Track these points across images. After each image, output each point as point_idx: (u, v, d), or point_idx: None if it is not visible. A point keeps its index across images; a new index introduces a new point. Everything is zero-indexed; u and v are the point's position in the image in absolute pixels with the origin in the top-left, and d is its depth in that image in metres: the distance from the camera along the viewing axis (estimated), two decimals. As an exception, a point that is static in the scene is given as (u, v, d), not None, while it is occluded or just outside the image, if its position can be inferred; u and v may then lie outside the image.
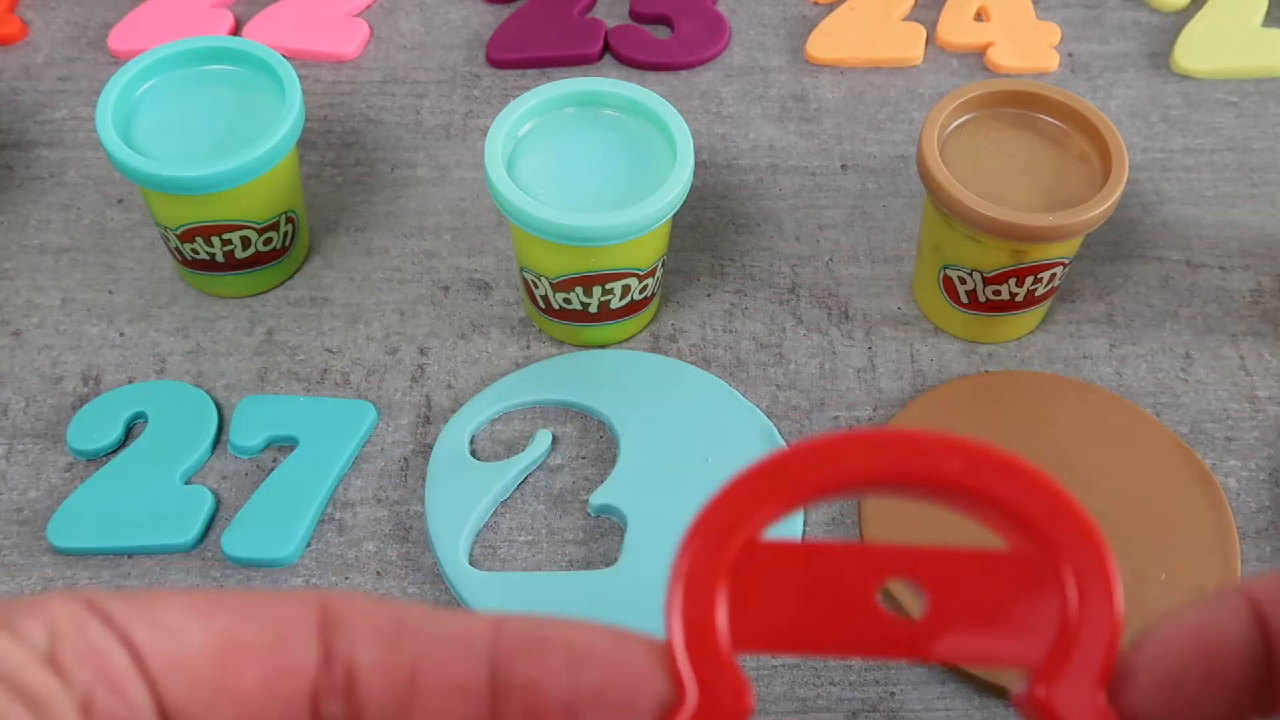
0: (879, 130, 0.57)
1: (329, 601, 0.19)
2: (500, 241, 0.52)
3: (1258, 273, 0.52)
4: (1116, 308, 0.51)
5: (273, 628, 0.18)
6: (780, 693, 0.41)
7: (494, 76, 0.59)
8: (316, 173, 0.55)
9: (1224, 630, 0.19)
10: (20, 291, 0.51)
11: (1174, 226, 0.53)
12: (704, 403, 0.47)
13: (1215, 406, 0.48)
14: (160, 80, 0.48)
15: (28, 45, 0.60)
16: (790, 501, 0.19)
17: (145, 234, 0.53)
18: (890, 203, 0.54)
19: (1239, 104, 0.58)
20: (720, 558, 0.19)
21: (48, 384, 0.48)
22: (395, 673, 0.18)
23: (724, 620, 0.19)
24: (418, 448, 0.46)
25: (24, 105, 0.57)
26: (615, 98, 0.47)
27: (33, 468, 0.45)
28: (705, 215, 0.54)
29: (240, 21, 0.61)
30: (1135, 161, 0.55)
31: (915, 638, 0.19)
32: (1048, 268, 0.46)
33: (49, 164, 0.55)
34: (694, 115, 0.57)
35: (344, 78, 0.59)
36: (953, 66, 0.60)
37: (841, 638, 0.19)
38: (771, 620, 0.19)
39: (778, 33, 0.61)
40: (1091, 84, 0.59)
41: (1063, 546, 0.19)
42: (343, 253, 0.52)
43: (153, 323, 0.50)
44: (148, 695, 0.17)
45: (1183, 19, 0.61)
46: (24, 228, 0.53)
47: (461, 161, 0.56)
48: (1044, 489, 0.19)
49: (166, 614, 0.18)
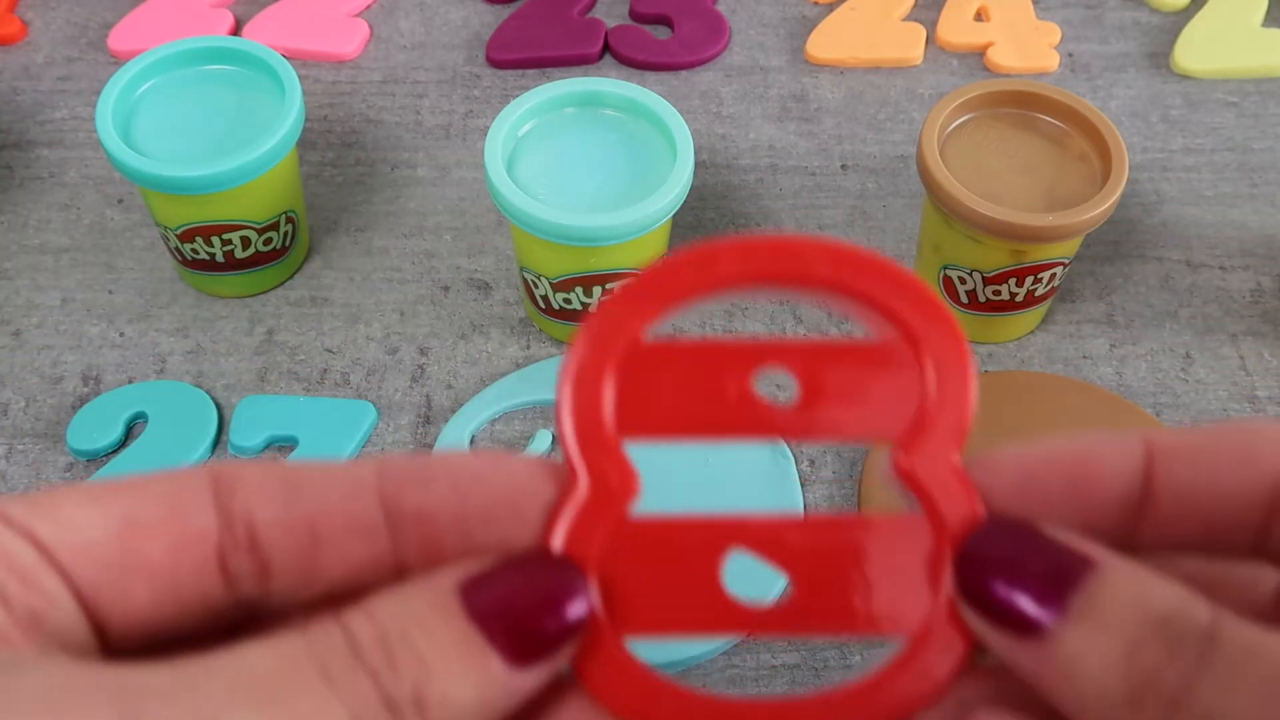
0: (879, 130, 0.57)
1: (218, 471, 0.20)
2: (500, 241, 0.52)
3: (1258, 273, 0.52)
4: (1116, 308, 0.51)
5: (169, 503, 0.19)
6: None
7: (494, 76, 0.59)
8: (316, 173, 0.55)
9: (1107, 456, 0.20)
10: (20, 291, 0.51)
11: (1174, 226, 0.53)
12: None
13: (1215, 406, 0.48)
14: (160, 80, 0.48)
15: (28, 45, 0.60)
16: (671, 303, 0.21)
17: (145, 234, 0.53)
18: (890, 203, 0.54)
19: (1239, 104, 0.58)
20: (606, 356, 0.20)
21: (48, 384, 0.48)
22: (294, 524, 0.19)
23: (610, 412, 0.20)
24: (418, 448, 0.46)
25: (24, 105, 0.57)
26: (615, 98, 0.47)
27: (33, 468, 0.45)
28: (705, 215, 0.54)
29: (240, 21, 0.61)
30: (1135, 161, 0.55)
31: (789, 420, 0.21)
32: (1048, 268, 0.46)
33: (49, 164, 0.55)
34: (694, 115, 0.57)
35: (344, 78, 0.59)
36: (953, 66, 0.60)
37: (721, 422, 0.21)
38: (655, 411, 0.21)
39: (778, 33, 0.61)
40: (1091, 84, 0.59)
41: (924, 336, 0.21)
42: (343, 253, 0.52)
43: (153, 323, 0.50)
44: (60, 583, 0.18)
45: (1183, 19, 0.61)
46: (24, 228, 0.53)
47: (461, 161, 0.56)
48: (908, 285, 0.21)
49: (64, 508, 0.19)
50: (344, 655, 0.17)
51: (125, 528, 0.19)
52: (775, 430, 0.21)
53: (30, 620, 0.18)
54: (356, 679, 0.17)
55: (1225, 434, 0.20)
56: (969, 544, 0.20)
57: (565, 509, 0.20)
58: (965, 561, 0.19)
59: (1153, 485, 0.20)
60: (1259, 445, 0.20)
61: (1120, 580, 0.18)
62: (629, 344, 0.21)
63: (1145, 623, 0.18)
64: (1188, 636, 0.17)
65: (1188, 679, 0.17)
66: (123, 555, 0.19)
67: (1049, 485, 0.20)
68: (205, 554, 0.19)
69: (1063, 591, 0.18)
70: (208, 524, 0.19)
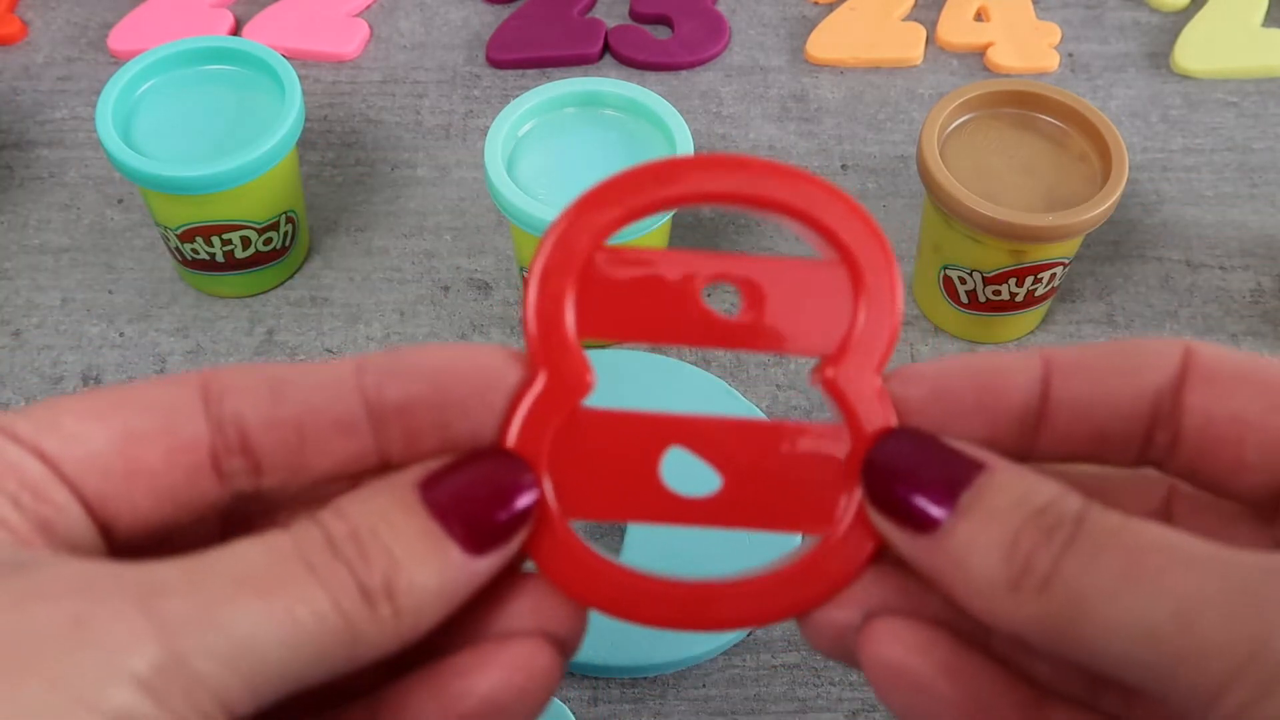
0: (879, 130, 0.57)
1: (206, 379, 0.21)
2: (500, 241, 0.52)
3: (1258, 273, 0.52)
4: (1116, 308, 0.51)
5: (161, 413, 0.21)
6: (780, 693, 0.41)
7: (494, 76, 0.59)
8: (316, 173, 0.55)
9: (1010, 370, 0.22)
10: (20, 291, 0.51)
11: (1174, 226, 0.53)
12: (704, 403, 0.47)
13: (1215, 406, 0.48)
14: (160, 80, 0.48)
15: (28, 45, 0.60)
16: (631, 213, 0.22)
17: (145, 234, 0.53)
18: (890, 203, 0.54)
19: (1239, 104, 0.58)
20: (569, 262, 0.22)
21: (48, 384, 0.48)
22: (281, 424, 0.21)
23: (571, 314, 0.22)
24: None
25: (24, 105, 0.58)
26: (615, 98, 0.47)
27: (33, 468, 0.45)
28: (705, 215, 0.54)
29: (240, 21, 0.61)
30: (1135, 161, 0.55)
31: (732, 330, 0.23)
32: (1048, 268, 0.46)
33: (49, 164, 0.55)
34: (694, 115, 0.57)
35: (344, 78, 0.59)
36: (953, 66, 0.60)
37: (671, 329, 0.23)
38: (612, 313, 0.22)
39: (778, 33, 0.61)
40: (1091, 84, 0.59)
41: (860, 260, 0.22)
42: (343, 253, 0.52)
43: (153, 323, 0.50)
44: (68, 494, 0.20)
45: (1183, 19, 0.61)
46: (24, 228, 0.53)
47: (461, 161, 0.56)
48: (852, 211, 0.22)
49: (67, 423, 0.20)
50: (323, 550, 0.19)
51: (125, 439, 0.20)
52: (719, 339, 0.23)
53: (42, 528, 0.19)
54: (335, 570, 0.19)
55: (1114, 350, 0.22)
56: (874, 451, 0.22)
57: (524, 401, 0.21)
58: (870, 467, 0.21)
59: (1050, 397, 0.22)
60: (1142, 359, 0.21)
61: (1005, 479, 0.20)
62: (590, 250, 0.22)
63: (1025, 513, 0.19)
64: (1060, 523, 0.19)
65: (1057, 560, 0.19)
66: (124, 464, 0.20)
67: (958, 397, 0.22)
68: (200, 458, 0.21)
69: (955, 491, 0.20)
70: (200, 430, 0.21)
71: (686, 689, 0.41)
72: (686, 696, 0.41)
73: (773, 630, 0.42)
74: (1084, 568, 0.19)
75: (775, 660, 0.41)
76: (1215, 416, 0.21)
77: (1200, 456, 0.21)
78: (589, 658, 0.40)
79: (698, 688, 0.41)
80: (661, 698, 0.41)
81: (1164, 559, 0.18)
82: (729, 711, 0.40)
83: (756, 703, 0.40)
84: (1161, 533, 0.19)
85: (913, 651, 0.21)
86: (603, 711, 0.40)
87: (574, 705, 0.40)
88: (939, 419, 0.22)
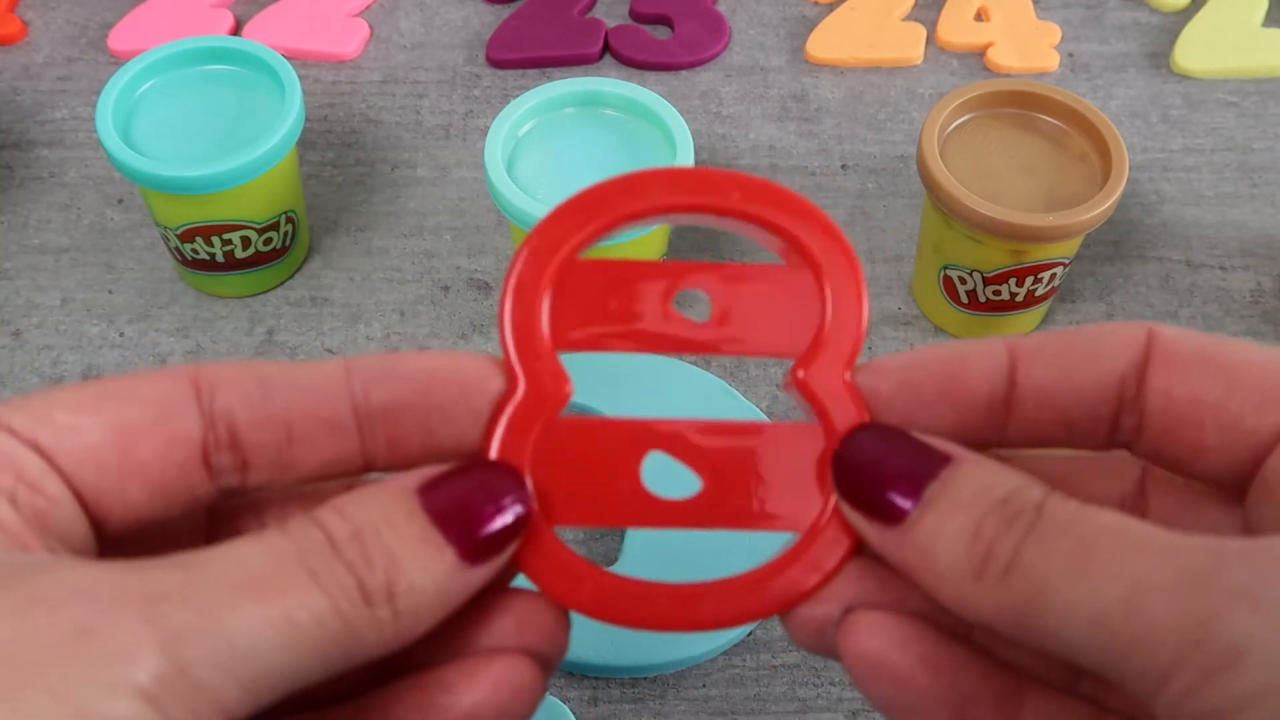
0: (879, 130, 0.57)
1: (198, 374, 0.21)
2: (500, 241, 0.52)
3: (1258, 273, 0.52)
4: (1116, 308, 0.51)
5: (155, 407, 0.21)
6: (780, 693, 0.41)
7: (494, 76, 0.59)
8: (316, 173, 0.55)
9: (975, 360, 0.22)
10: (20, 291, 0.51)
11: (1174, 226, 0.53)
12: (704, 403, 0.47)
13: (1215, 406, 0.48)
14: (160, 80, 0.48)
15: (28, 45, 0.60)
16: (604, 226, 0.23)
17: (145, 234, 0.53)
18: (890, 203, 0.54)
19: (1239, 104, 0.58)
20: (544, 273, 0.23)
21: (48, 384, 0.48)
22: (270, 422, 0.21)
23: (547, 324, 0.23)
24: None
25: (24, 105, 0.58)
26: (615, 98, 0.47)
27: (33, 468, 0.45)
28: (705, 215, 0.54)
29: (240, 21, 0.61)
30: (1135, 161, 0.55)
31: (703, 336, 0.23)
32: (1048, 268, 0.46)
33: (49, 164, 0.55)
34: (694, 115, 0.57)
35: (344, 78, 0.59)
36: (953, 66, 0.60)
37: (643, 337, 0.23)
38: (586, 324, 0.23)
39: (778, 33, 0.61)
40: (1091, 84, 0.59)
41: (825, 265, 0.23)
42: (343, 253, 0.52)
43: (153, 323, 0.50)
44: (62, 486, 0.20)
45: (1183, 19, 0.61)
46: (24, 228, 0.53)
47: (461, 161, 0.56)
48: (813, 218, 0.23)
49: (61, 416, 0.20)
50: (324, 551, 0.19)
51: (119, 433, 0.20)
52: (691, 345, 0.23)
53: (37, 522, 0.20)
54: (337, 572, 0.19)
55: (1077, 336, 0.22)
56: (843, 447, 0.22)
57: (505, 410, 0.22)
58: (840, 462, 0.22)
59: (1016, 385, 0.22)
60: (1105, 344, 0.22)
61: (969, 470, 0.21)
62: (564, 262, 0.23)
63: (988, 503, 0.20)
64: (1022, 512, 0.20)
65: (1018, 547, 0.19)
66: (118, 457, 0.20)
67: (925, 389, 0.22)
68: (192, 452, 0.21)
69: (921, 483, 0.21)
70: (192, 425, 0.21)
71: (686, 689, 0.41)
72: (686, 696, 0.41)
73: (773, 630, 0.42)
74: (1042, 554, 0.19)
75: (775, 660, 0.41)
76: (1175, 399, 0.21)
77: (1164, 439, 0.22)
78: (589, 658, 0.40)
79: (698, 688, 0.41)
80: (661, 698, 0.41)
81: (1115, 543, 0.19)
82: (729, 711, 0.40)
83: (756, 703, 0.40)
84: (1115, 518, 0.19)
85: (891, 644, 0.21)
86: (603, 711, 0.40)
87: (574, 705, 0.40)
88: (908, 411, 0.22)
